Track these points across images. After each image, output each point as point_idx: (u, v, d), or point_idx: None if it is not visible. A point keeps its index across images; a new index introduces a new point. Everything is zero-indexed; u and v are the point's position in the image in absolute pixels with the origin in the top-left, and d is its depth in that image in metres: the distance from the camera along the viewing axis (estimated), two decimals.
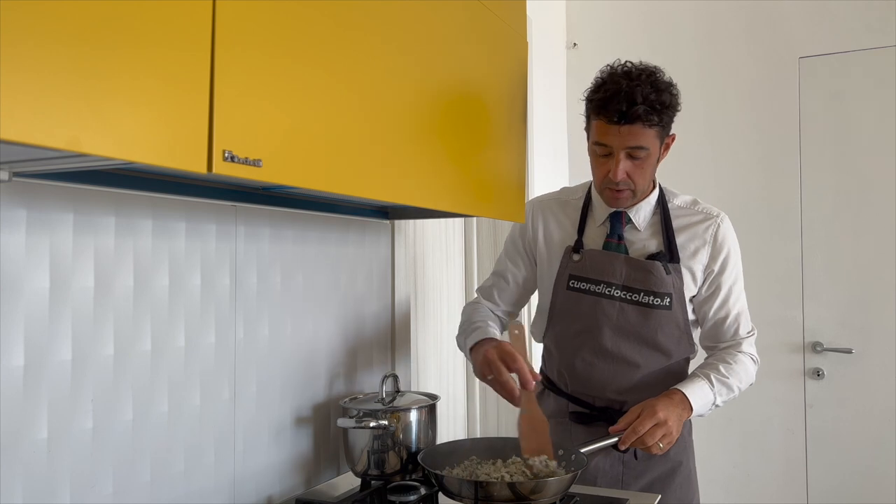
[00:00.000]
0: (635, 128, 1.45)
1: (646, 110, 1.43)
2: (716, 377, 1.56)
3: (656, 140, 1.50)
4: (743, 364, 1.61)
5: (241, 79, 0.87)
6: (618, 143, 1.48)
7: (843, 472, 2.74)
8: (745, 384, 1.61)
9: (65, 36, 0.66)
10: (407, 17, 1.21)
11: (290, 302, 1.51)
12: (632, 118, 1.44)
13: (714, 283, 1.62)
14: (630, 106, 1.43)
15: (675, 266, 1.58)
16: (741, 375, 1.59)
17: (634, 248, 1.61)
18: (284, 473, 1.49)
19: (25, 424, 1.01)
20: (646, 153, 1.49)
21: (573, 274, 1.63)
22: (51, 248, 1.04)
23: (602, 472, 1.61)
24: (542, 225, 1.71)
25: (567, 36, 3.21)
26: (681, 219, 1.63)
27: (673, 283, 1.57)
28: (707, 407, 1.55)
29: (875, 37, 2.72)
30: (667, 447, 1.47)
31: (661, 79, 1.49)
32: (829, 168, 2.79)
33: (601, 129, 1.49)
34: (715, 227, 1.61)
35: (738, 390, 1.59)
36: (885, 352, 2.69)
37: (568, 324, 1.64)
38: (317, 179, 1.01)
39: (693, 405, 1.51)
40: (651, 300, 1.57)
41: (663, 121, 1.48)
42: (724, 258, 1.61)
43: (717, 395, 1.55)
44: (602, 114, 1.47)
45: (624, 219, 1.62)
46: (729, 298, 1.62)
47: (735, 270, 1.63)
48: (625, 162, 1.49)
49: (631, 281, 1.58)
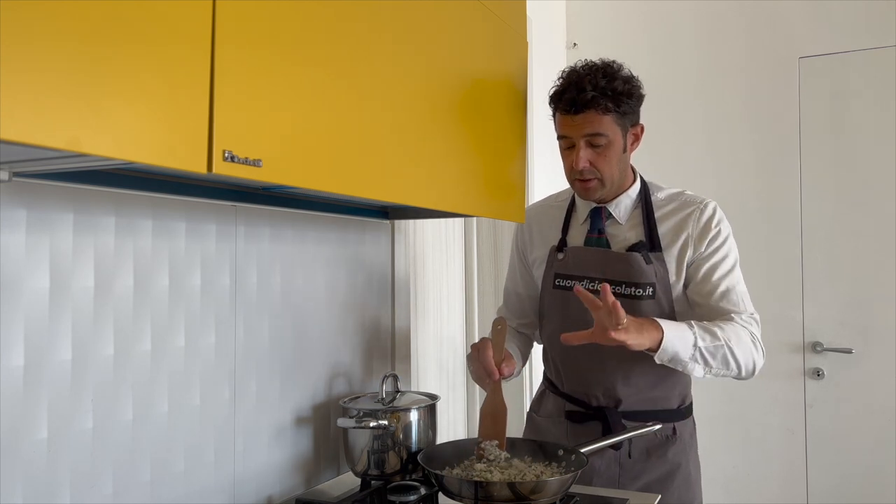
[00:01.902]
0: (589, 115, 1.50)
1: (595, 97, 1.48)
2: (696, 323, 1.49)
3: (615, 127, 1.53)
4: (735, 329, 1.50)
5: (241, 79, 0.87)
6: (576, 132, 1.53)
7: (843, 472, 2.74)
8: (739, 350, 1.48)
9: (64, 36, 0.66)
10: (407, 18, 1.21)
11: (290, 302, 1.51)
12: (583, 105, 1.49)
13: (699, 260, 1.57)
14: (580, 93, 1.49)
15: (656, 255, 1.57)
16: (731, 335, 1.48)
17: (616, 242, 1.61)
18: (284, 473, 1.49)
19: (25, 424, 1.01)
20: (605, 140, 1.52)
21: (558, 272, 1.65)
22: (51, 248, 1.04)
23: (598, 473, 1.60)
24: (534, 233, 1.75)
25: (567, 36, 3.21)
26: (664, 209, 1.62)
27: (655, 272, 1.56)
28: (686, 344, 1.44)
29: (875, 37, 2.72)
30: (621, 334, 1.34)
31: (615, 69, 1.54)
32: (829, 168, 2.79)
33: (561, 122, 1.57)
34: (699, 212, 1.59)
35: (730, 350, 1.47)
36: (885, 352, 2.69)
37: (557, 322, 1.65)
38: (317, 179, 1.01)
39: (663, 327, 1.42)
40: (633, 291, 1.56)
41: (619, 108, 1.51)
42: (710, 239, 1.57)
43: (700, 339, 1.45)
44: (559, 107, 1.56)
45: (604, 213, 1.63)
46: (715, 272, 1.56)
47: (722, 248, 1.57)
48: (585, 150, 1.53)
49: (612, 274, 1.57)
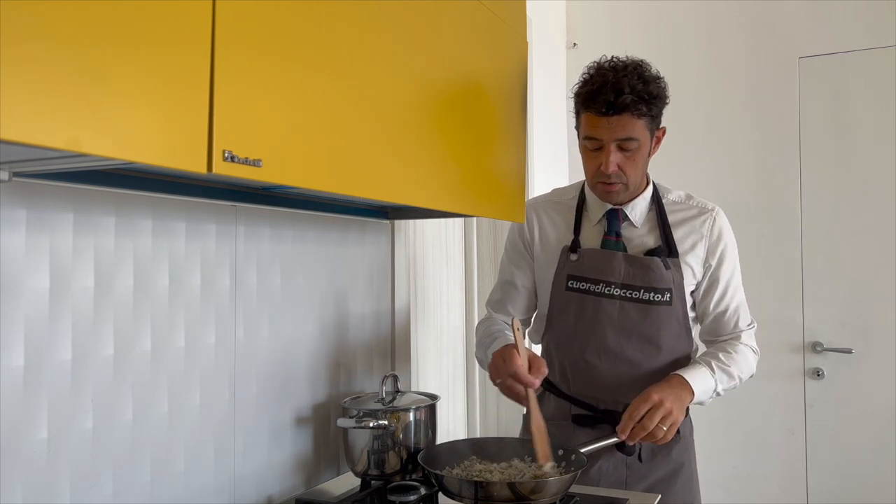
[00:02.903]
0: (624, 118, 1.47)
1: (633, 100, 1.45)
2: (716, 364, 1.56)
3: (646, 131, 1.52)
4: (743, 354, 1.61)
5: (241, 79, 0.87)
6: (608, 135, 1.49)
7: (843, 472, 2.74)
8: (745, 374, 1.61)
9: (65, 36, 0.66)
10: (407, 18, 1.21)
11: (290, 302, 1.51)
12: (620, 108, 1.46)
13: (713, 277, 1.62)
14: (618, 96, 1.45)
15: (674, 261, 1.58)
16: (741, 365, 1.59)
17: (633, 245, 1.61)
18: (284, 473, 1.49)
19: (25, 424, 1.01)
20: (636, 144, 1.50)
21: (571, 274, 1.62)
22: (51, 248, 1.04)
23: (605, 474, 1.60)
24: (538, 226, 1.71)
25: (567, 36, 3.21)
26: (676, 214, 1.63)
27: (673, 277, 1.57)
28: (708, 394, 1.54)
29: (875, 37, 2.72)
30: (672, 431, 1.45)
31: (647, 70, 1.51)
32: (829, 168, 2.79)
33: (591, 123, 1.51)
34: (711, 220, 1.62)
35: (739, 380, 1.59)
36: (885, 352, 2.69)
37: (568, 325, 1.63)
38: (317, 179, 1.01)
39: (694, 388, 1.50)
40: (651, 296, 1.56)
41: (652, 111, 1.50)
42: (721, 251, 1.61)
43: (719, 383, 1.55)
44: (591, 107, 1.49)
45: (621, 216, 1.62)
46: (727, 292, 1.63)
47: (732, 263, 1.64)
48: (615, 154, 1.50)
49: (630, 278, 1.57)
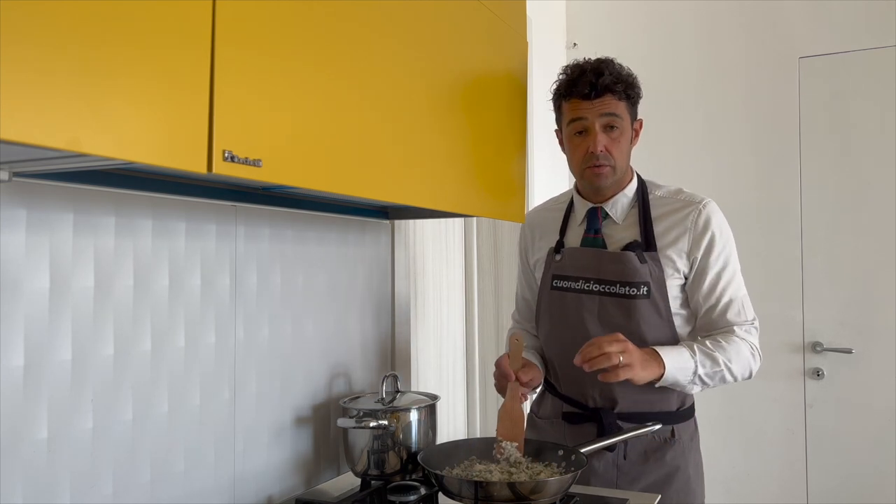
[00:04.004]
0: (606, 98, 1.54)
1: (613, 81, 1.53)
2: (699, 347, 1.50)
3: (627, 115, 1.57)
4: (735, 346, 1.52)
5: (241, 79, 0.87)
6: (592, 114, 1.54)
7: (843, 472, 2.74)
8: (737, 366, 1.52)
9: (64, 36, 0.66)
10: (407, 18, 1.21)
11: (290, 302, 1.51)
12: (602, 90, 1.52)
13: (700, 269, 1.57)
14: (598, 77, 1.52)
15: (651, 254, 1.55)
16: (731, 355, 1.51)
17: (613, 241, 1.61)
18: (284, 473, 1.49)
19: (25, 424, 1.01)
20: (620, 124, 1.55)
21: (556, 274, 1.66)
22: (51, 248, 1.04)
23: (596, 474, 1.58)
24: (534, 237, 1.77)
25: (567, 36, 3.21)
26: (661, 207, 1.61)
27: (650, 271, 1.55)
28: (687, 374, 1.48)
29: (875, 37, 2.72)
30: (625, 371, 1.38)
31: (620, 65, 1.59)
32: (829, 168, 2.79)
33: (575, 106, 1.57)
34: (696, 212, 1.57)
35: (728, 369, 1.50)
36: (885, 352, 2.69)
37: (554, 323, 1.66)
38: (317, 179, 1.01)
39: (666, 362, 1.45)
40: (627, 290, 1.55)
41: (630, 96, 1.56)
42: (707, 243, 1.56)
43: (700, 366, 1.48)
44: (574, 92, 1.55)
45: (600, 213, 1.63)
46: (718, 284, 1.56)
47: (722, 256, 1.57)
48: (602, 135, 1.55)
49: (606, 273, 1.57)
